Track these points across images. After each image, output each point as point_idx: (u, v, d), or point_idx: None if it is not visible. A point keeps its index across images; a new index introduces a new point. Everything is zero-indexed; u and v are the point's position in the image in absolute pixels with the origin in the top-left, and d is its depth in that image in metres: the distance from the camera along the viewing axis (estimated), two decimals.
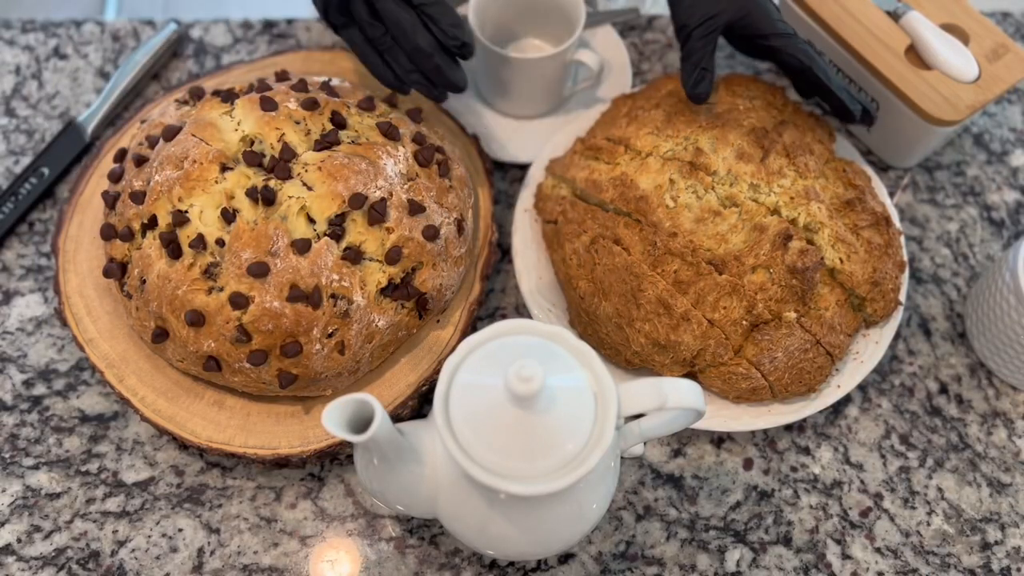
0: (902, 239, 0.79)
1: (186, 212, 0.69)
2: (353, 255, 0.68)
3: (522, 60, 0.81)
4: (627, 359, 0.74)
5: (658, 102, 0.79)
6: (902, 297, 0.77)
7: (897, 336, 0.81)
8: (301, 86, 0.75)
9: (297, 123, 0.72)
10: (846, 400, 0.78)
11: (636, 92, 0.83)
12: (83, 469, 0.74)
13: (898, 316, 0.76)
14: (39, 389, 0.77)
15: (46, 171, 0.86)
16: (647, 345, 0.72)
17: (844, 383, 0.74)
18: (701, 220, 0.72)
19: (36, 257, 0.83)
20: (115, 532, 0.72)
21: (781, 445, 0.76)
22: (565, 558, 0.72)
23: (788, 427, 0.76)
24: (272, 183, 0.69)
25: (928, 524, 0.73)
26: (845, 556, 0.72)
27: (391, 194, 0.71)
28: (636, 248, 0.72)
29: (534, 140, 0.87)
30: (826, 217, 0.73)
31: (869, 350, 0.75)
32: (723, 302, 0.71)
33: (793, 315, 0.72)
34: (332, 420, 0.54)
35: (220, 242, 0.68)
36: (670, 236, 0.72)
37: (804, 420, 0.77)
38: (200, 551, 0.71)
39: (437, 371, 0.73)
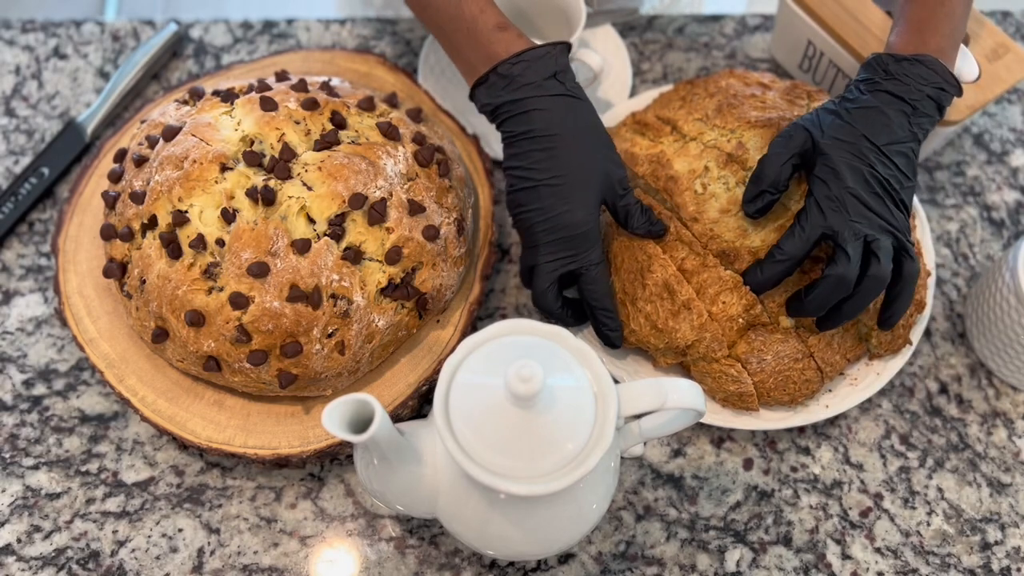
0: (930, 280, 0.77)
1: (186, 212, 0.69)
2: (353, 255, 0.68)
3: None
4: (623, 336, 0.74)
5: (714, 92, 0.79)
6: (914, 337, 0.75)
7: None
8: (301, 86, 0.75)
9: (297, 123, 0.72)
10: None
11: (697, 79, 0.83)
12: (83, 469, 0.74)
13: (906, 354, 0.75)
14: (39, 389, 0.77)
15: (46, 171, 0.86)
16: (645, 326, 0.72)
17: (834, 404, 0.73)
18: (726, 211, 0.73)
19: (36, 257, 0.83)
20: (115, 532, 0.72)
21: (781, 445, 0.76)
22: (565, 558, 0.72)
23: (788, 427, 0.76)
24: (272, 183, 0.69)
25: (928, 524, 0.73)
26: (845, 556, 0.72)
27: (391, 194, 0.71)
28: None
29: None
30: None
31: (868, 379, 0.74)
32: (723, 297, 0.71)
33: (791, 322, 0.72)
34: (332, 420, 0.54)
35: (220, 242, 0.68)
36: (692, 221, 0.72)
37: None
38: (200, 551, 0.71)
39: (437, 371, 0.73)
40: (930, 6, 0.72)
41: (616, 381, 0.65)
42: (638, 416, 0.64)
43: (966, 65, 0.80)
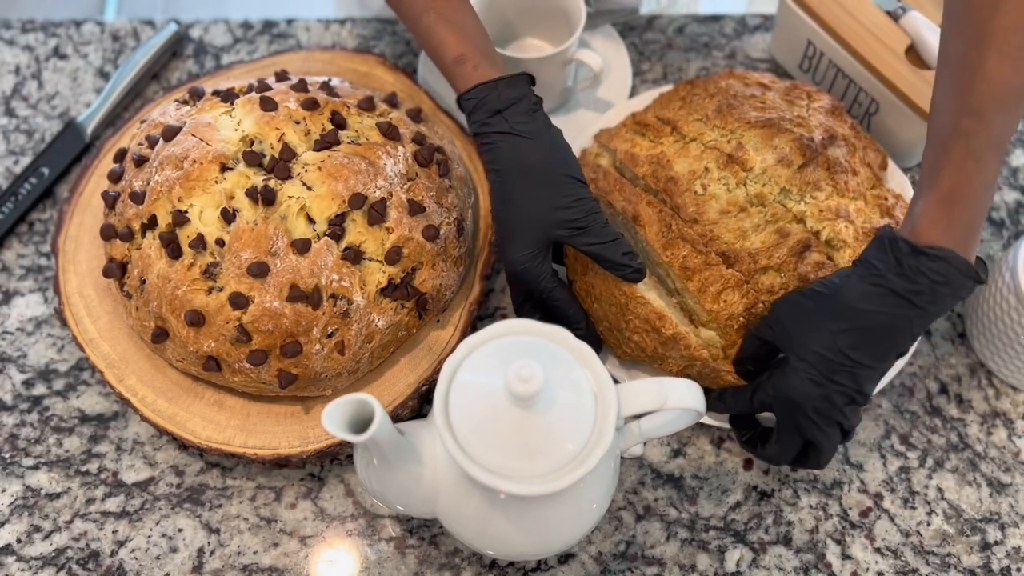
0: None
1: (186, 212, 0.69)
2: (353, 255, 0.68)
3: (522, 60, 0.81)
4: (619, 355, 0.75)
5: (714, 92, 0.79)
6: None
7: None
8: (301, 86, 0.75)
9: (297, 123, 0.72)
10: None
11: (697, 80, 0.83)
12: (83, 469, 0.74)
13: (905, 356, 0.74)
14: (39, 389, 0.77)
15: (46, 171, 0.86)
16: (636, 351, 0.73)
17: None
18: (726, 212, 0.73)
19: (36, 257, 0.83)
20: (115, 532, 0.72)
21: None
22: (565, 558, 0.72)
23: None
24: (272, 183, 0.69)
25: (928, 524, 0.73)
26: (845, 556, 0.72)
27: (391, 194, 0.71)
28: (652, 227, 0.73)
29: None
30: (851, 238, 0.73)
31: None
32: (725, 295, 0.71)
33: None
34: (332, 420, 0.54)
35: (220, 242, 0.68)
36: (691, 222, 0.72)
37: None
38: (200, 551, 0.71)
39: (437, 371, 0.73)
40: (965, 171, 0.60)
41: (616, 381, 0.65)
42: (638, 416, 0.64)
43: None
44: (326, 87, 0.77)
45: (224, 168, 0.69)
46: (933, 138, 0.63)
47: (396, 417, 0.72)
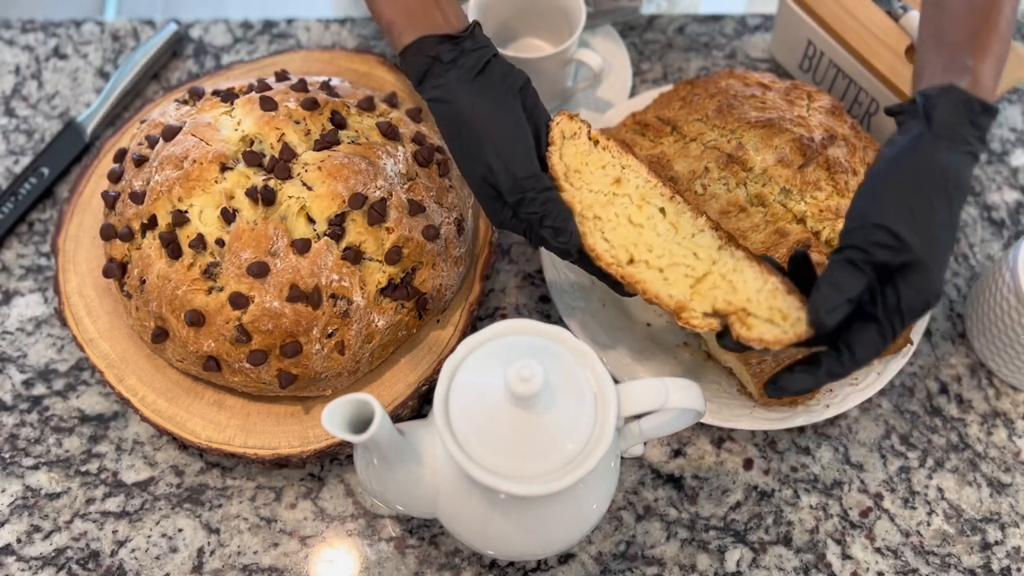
0: None
1: (186, 212, 0.69)
2: (353, 255, 0.68)
3: (522, 60, 0.81)
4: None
5: (714, 92, 0.79)
6: (915, 337, 0.75)
7: None
8: (301, 86, 0.75)
9: (297, 123, 0.72)
10: None
11: (697, 80, 0.83)
12: (83, 469, 0.74)
13: (906, 354, 0.74)
14: (39, 389, 0.77)
15: (46, 171, 0.86)
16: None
17: (834, 404, 0.73)
18: (726, 213, 0.72)
19: (36, 257, 0.83)
20: (115, 532, 0.72)
21: (781, 445, 0.76)
22: (565, 558, 0.72)
23: (788, 427, 0.76)
24: (272, 183, 0.69)
25: (928, 524, 0.73)
26: (845, 556, 0.72)
27: (391, 194, 0.71)
28: None
29: None
30: None
31: (868, 379, 0.74)
32: None
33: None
34: (332, 420, 0.54)
35: (220, 242, 0.68)
36: None
37: None
38: (200, 551, 0.71)
39: (437, 371, 0.73)
40: (1006, 37, 0.63)
41: (616, 381, 0.65)
42: (638, 416, 0.64)
43: None
44: (326, 87, 0.77)
45: (224, 168, 0.69)
46: (969, 10, 0.63)
47: (396, 417, 0.72)
